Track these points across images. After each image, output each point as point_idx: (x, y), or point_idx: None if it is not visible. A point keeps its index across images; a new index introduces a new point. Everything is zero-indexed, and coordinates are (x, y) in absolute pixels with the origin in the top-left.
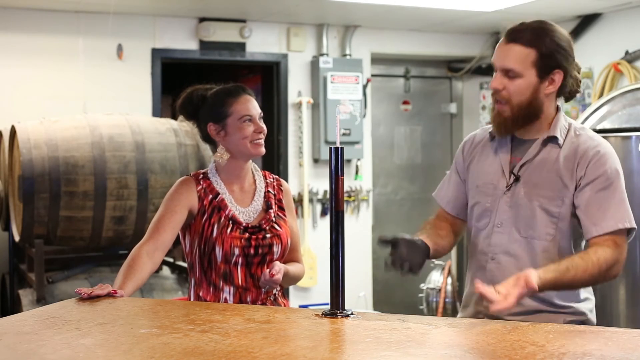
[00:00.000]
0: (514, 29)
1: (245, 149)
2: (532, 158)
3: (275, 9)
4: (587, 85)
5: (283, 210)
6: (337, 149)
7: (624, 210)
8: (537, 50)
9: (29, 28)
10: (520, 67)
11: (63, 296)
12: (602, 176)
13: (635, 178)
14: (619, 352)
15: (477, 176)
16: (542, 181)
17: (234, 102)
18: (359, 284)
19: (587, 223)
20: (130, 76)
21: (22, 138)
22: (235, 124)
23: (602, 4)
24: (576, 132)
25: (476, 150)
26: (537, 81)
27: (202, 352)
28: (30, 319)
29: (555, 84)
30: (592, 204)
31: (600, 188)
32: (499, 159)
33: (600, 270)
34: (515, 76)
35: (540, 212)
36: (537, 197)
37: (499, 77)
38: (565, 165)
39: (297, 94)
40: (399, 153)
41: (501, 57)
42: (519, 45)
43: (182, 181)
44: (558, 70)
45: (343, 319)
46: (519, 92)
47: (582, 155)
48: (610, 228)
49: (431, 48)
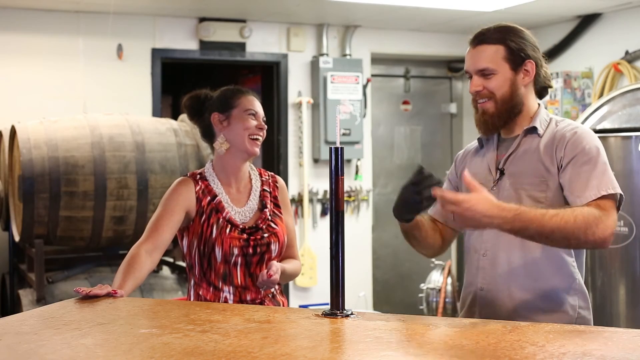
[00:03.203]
0: (478, 33)
1: (243, 143)
2: (514, 150)
3: (275, 9)
4: (587, 85)
5: (279, 208)
6: (337, 149)
7: (606, 179)
8: (505, 45)
9: (29, 28)
10: (494, 64)
11: (63, 296)
12: (581, 152)
13: (635, 178)
14: (619, 352)
15: None
16: (525, 170)
17: (241, 96)
18: (359, 284)
19: (572, 197)
20: (130, 76)
21: (22, 138)
22: (240, 115)
23: (602, 4)
24: (556, 123)
25: (467, 159)
26: (512, 74)
27: (202, 352)
28: (30, 319)
29: (530, 74)
30: (575, 179)
31: (581, 163)
32: (486, 159)
33: (575, 221)
34: (491, 73)
35: (527, 200)
36: (521, 186)
37: (475, 79)
38: (545, 151)
39: (297, 94)
40: (399, 153)
41: (473, 61)
42: (487, 45)
43: (180, 182)
44: (529, 60)
45: (343, 319)
46: (499, 87)
47: (560, 138)
48: (593, 196)
49: (431, 48)
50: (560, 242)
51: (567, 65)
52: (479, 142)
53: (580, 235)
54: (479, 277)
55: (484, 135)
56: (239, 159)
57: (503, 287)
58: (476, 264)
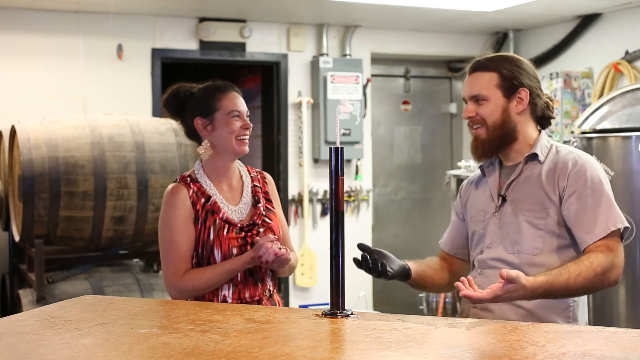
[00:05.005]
0: (475, 61)
1: (231, 145)
2: (516, 177)
3: (275, 9)
4: (587, 85)
5: (270, 202)
6: (337, 149)
7: (613, 213)
8: (498, 72)
9: (29, 28)
10: (486, 91)
11: (63, 296)
12: (585, 184)
13: (635, 178)
14: (619, 352)
15: (471, 208)
16: (526, 196)
17: (222, 97)
18: (359, 284)
19: (580, 233)
20: (130, 76)
21: (22, 138)
22: (223, 118)
23: (602, 4)
24: (557, 149)
25: (471, 187)
26: (504, 101)
27: (202, 352)
28: (30, 319)
29: (524, 102)
30: (581, 214)
31: (586, 197)
32: (489, 187)
33: (595, 274)
34: (483, 99)
35: (526, 226)
36: (522, 212)
37: (469, 106)
38: (547, 179)
39: (297, 94)
40: (399, 153)
41: (468, 88)
42: (481, 72)
43: (173, 191)
44: (522, 89)
45: (343, 319)
46: (490, 113)
47: (562, 167)
48: (603, 233)
49: (431, 48)
50: (580, 294)
51: (567, 65)
52: (481, 171)
53: (598, 285)
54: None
55: (477, 161)
56: (228, 159)
57: (496, 306)
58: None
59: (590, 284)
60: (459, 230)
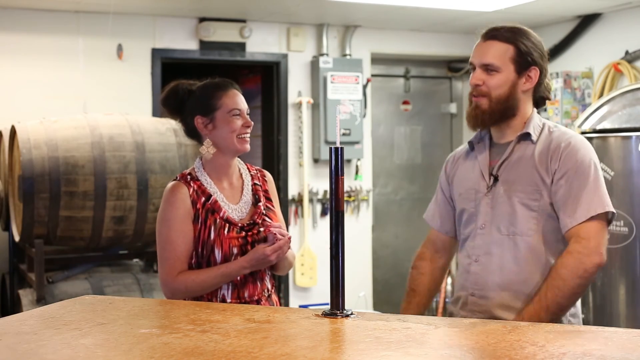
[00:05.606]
0: (492, 28)
1: (232, 144)
2: (508, 157)
3: (275, 9)
4: (587, 85)
5: (270, 201)
6: (337, 149)
7: (597, 197)
8: (515, 46)
9: (29, 28)
10: (500, 62)
11: (63, 296)
12: (574, 167)
13: (635, 178)
14: (619, 352)
15: (459, 185)
16: (520, 177)
17: (223, 96)
18: (359, 284)
19: (563, 216)
20: (130, 76)
21: (22, 138)
22: (224, 117)
23: (602, 4)
24: (550, 130)
25: (457, 163)
26: (515, 77)
27: (202, 352)
28: (30, 319)
29: (532, 81)
30: (566, 197)
31: (572, 179)
32: (479, 164)
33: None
34: (495, 71)
35: (521, 208)
36: (515, 193)
37: (478, 73)
38: (540, 160)
39: (297, 94)
40: (399, 153)
41: (480, 54)
42: (498, 42)
43: (173, 189)
44: (534, 67)
45: (343, 319)
46: (498, 86)
47: (554, 148)
48: (583, 217)
49: (431, 48)
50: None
51: (567, 65)
52: (469, 145)
53: (580, 283)
54: (471, 282)
55: (472, 129)
56: (229, 157)
57: (494, 293)
58: (468, 268)
59: (568, 290)
60: (446, 208)
